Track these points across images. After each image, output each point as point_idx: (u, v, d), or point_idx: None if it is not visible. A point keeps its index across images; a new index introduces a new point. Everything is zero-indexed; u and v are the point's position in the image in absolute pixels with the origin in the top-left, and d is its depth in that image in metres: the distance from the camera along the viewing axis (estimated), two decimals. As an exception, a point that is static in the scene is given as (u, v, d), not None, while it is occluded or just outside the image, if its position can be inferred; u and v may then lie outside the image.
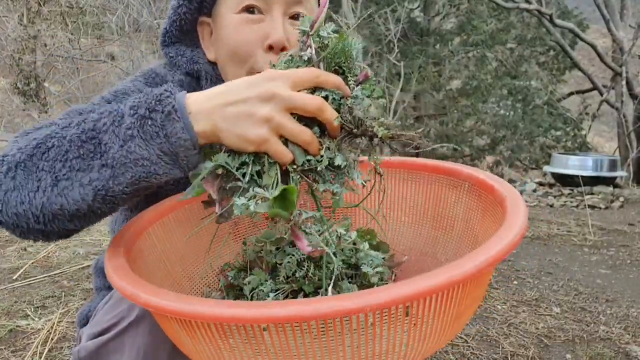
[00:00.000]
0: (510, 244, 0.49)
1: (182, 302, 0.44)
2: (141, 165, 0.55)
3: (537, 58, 11.93)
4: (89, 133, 0.56)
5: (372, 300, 0.41)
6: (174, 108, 0.55)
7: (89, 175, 0.55)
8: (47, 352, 1.55)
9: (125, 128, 0.55)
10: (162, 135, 0.54)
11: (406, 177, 0.87)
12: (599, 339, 1.79)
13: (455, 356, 1.63)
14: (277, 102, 0.54)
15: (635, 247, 3.09)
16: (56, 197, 0.55)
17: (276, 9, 0.75)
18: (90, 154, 0.55)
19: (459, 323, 0.55)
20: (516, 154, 11.13)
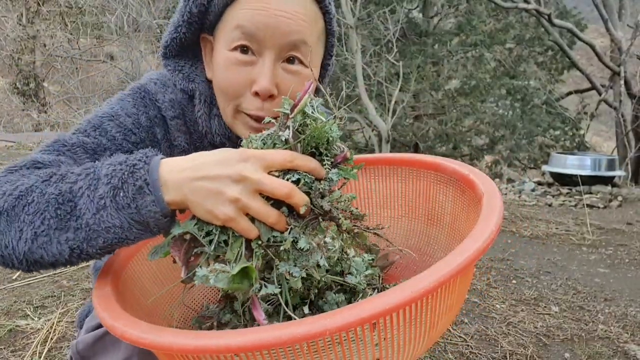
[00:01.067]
0: (475, 254, 0.49)
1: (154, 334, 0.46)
2: (113, 233, 0.57)
3: (536, 58, 11.96)
4: (65, 195, 0.58)
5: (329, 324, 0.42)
6: (146, 182, 0.56)
7: (65, 235, 0.58)
8: (46, 352, 1.56)
9: (98, 197, 0.57)
10: (133, 207, 0.56)
11: (395, 174, 0.86)
12: (597, 338, 1.79)
13: (454, 355, 1.63)
14: (246, 184, 0.56)
15: (634, 246, 3.10)
16: (37, 249, 0.58)
17: (268, 53, 0.72)
18: (66, 216, 0.57)
19: (436, 330, 0.54)
20: (515, 153, 11.15)
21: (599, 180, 5.42)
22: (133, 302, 0.64)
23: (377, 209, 0.89)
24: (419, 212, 0.84)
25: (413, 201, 0.84)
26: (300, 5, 0.72)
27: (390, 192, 0.87)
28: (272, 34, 0.71)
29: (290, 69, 0.74)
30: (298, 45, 0.73)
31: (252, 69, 0.73)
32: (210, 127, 0.81)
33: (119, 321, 0.50)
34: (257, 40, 0.71)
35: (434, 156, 0.82)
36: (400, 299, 0.43)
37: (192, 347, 0.44)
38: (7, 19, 8.66)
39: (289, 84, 0.74)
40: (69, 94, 9.23)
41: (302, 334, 0.42)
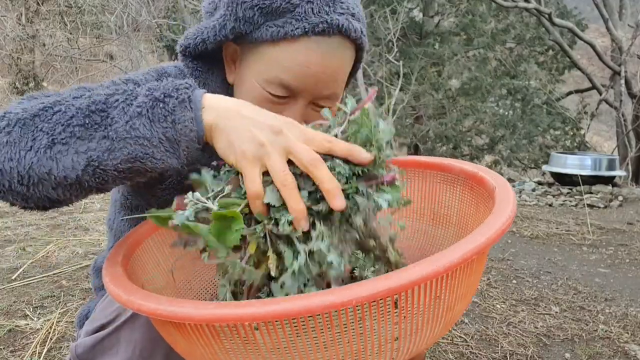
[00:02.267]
0: (498, 231, 0.49)
1: (174, 306, 0.45)
2: (140, 144, 0.54)
3: (536, 58, 11.95)
4: (99, 105, 0.55)
5: (358, 292, 0.41)
6: (189, 98, 0.55)
7: (87, 145, 0.54)
8: (46, 352, 1.55)
9: (135, 106, 0.55)
10: (170, 121, 0.54)
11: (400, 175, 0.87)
12: (597, 338, 1.79)
13: (455, 355, 1.63)
14: (279, 138, 0.54)
15: (634, 246, 3.10)
16: (47, 160, 0.54)
17: (301, 101, 0.73)
18: (94, 125, 0.54)
19: (452, 315, 0.55)
20: (515, 153, 11.15)
21: (600, 180, 5.42)
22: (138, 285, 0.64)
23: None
24: (425, 212, 0.84)
25: (419, 202, 0.85)
26: (342, 59, 0.72)
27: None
28: (311, 90, 0.72)
29: (318, 110, 0.75)
30: (330, 97, 0.74)
31: (282, 107, 0.73)
32: None
33: (135, 295, 0.49)
34: (294, 90, 0.72)
35: (440, 157, 0.84)
36: (425, 272, 0.43)
37: (214, 316, 0.43)
38: (7, 18, 8.66)
39: (313, 119, 0.75)
40: (68, 93, 9.21)
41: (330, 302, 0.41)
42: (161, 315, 0.46)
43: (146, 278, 0.68)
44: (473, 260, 0.48)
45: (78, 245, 2.63)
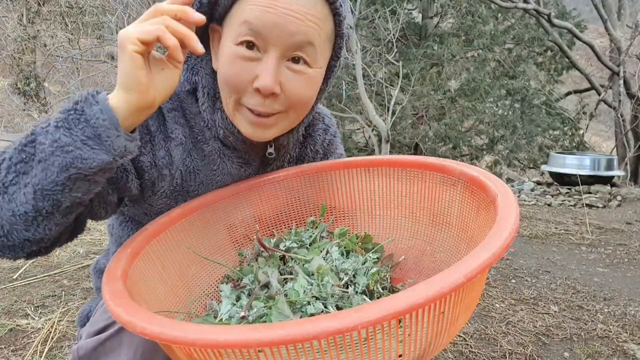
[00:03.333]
0: (501, 249, 0.49)
1: (177, 330, 0.45)
2: (67, 152, 0.58)
3: (535, 58, 11.95)
4: (29, 137, 0.61)
5: (362, 318, 0.41)
6: (92, 95, 0.61)
7: (30, 176, 0.60)
8: (47, 351, 1.56)
9: (53, 124, 0.60)
10: (83, 120, 0.59)
11: (399, 176, 0.86)
12: (596, 337, 1.80)
13: (454, 354, 1.64)
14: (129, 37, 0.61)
15: (633, 245, 3.11)
16: (7, 204, 0.61)
17: (273, 51, 0.71)
18: (30, 156, 0.60)
19: (455, 327, 0.55)
20: (514, 153, 11.15)
21: (598, 180, 5.43)
22: (139, 300, 0.64)
23: (381, 210, 0.89)
24: (425, 213, 0.83)
25: (418, 203, 0.84)
26: (310, 5, 0.71)
27: (394, 194, 0.87)
28: (278, 33, 0.70)
29: (295, 69, 0.73)
30: (304, 46, 0.72)
31: (256, 64, 0.72)
32: (214, 121, 0.81)
33: (137, 316, 0.49)
34: (263, 38, 0.70)
35: (439, 158, 0.82)
36: (430, 294, 0.43)
37: (218, 342, 0.42)
38: (8, 19, 8.66)
39: (292, 83, 0.74)
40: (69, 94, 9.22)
41: (335, 328, 0.41)
42: (165, 340, 0.45)
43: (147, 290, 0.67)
44: (478, 278, 0.48)
45: (79, 245, 2.64)
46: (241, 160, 0.86)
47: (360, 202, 0.90)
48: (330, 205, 0.92)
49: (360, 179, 0.89)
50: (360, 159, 0.90)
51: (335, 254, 0.76)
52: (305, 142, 0.96)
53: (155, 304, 0.68)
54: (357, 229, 0.90)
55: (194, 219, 0.80)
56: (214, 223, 0.83)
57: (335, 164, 0.91)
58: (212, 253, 0.83)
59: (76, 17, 9.08)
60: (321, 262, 0.72)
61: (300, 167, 0.92)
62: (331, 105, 9.90)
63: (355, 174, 0.90)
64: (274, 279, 0.69)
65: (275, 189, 0.90)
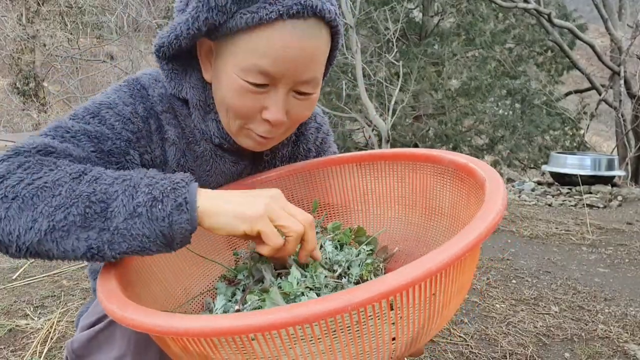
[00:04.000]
0: (489, 226, 0.50)
1: (168, 321, 0.45)
2: (139, 241, 0.58)
3: (536, 58, 11.95)
4: (99, 195, 0.58)
5: (352, 299, 0.42)
6: (185, 200, 0.58)
7: (87, 233, 0.57)
8: (46, 352, 1.56)
9: (135, 204, 0.58)
10: (167, 222, 0.58)
11: (391, 169, 0.87)
12: (597, 338, 1.79)
13: (454, 355, 1.63)
14: (274, 199, 0.64)
15: (633, 246, 3.10)
16: (48, 242, 0.57)
17: (282, 88, 0.73)
18: (94, 215, 0.57)
19: (448, 310, 0.55)
20: (515, 153, 11.15)
21: (599, 180, 5.42)
22: (134, 298, 0.64)
23: (374, 203, 0.90)
24: (418, 204, 0.84)
25: (411, 195, 0.85)
26: (318, 39, 0.72)
27: (387, 187, 0.88)
28: (290, 75, 0.71)
29: (300, 97, 0.76)
30: (310, 82, 0.74)
31: (264, 97, 0.73)
32: (207, 129, 0.82)
33: (130, 311, 0.49)
34: (273, 78, 0.71)
35: (429, 149, 0.83)
36: (419, 273, 0.44)
37: (210, 330, 0.43)
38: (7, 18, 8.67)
39: (297, 109, 0.76)
40: (68, 93, 9.23)
41: (326, 309, 0.41)
42: (159, 332, 0.45)
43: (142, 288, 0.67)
44: (466, 257, 0.49)
45: (78, 245, 2.63)
46: (234, 158, 0.87)
47: (353, 197, 0.91)
48: (324, 202, 0.92)
49: (353, 175, 0.90)
50: (352, 154, 0.91)
51: (329, 248, 0.77)
52: (298, 141, 0.96)
53: (152, 304, 0.68)
54: (352, 224, 0.90)
55: None
56: None
57: (326, 161, 0.91)
58: (207, 254, 0.83)
59: (75, 17, 9.09)
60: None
61: (292, 165, 0.92)
62: (331, 104, 9.90)
63: (348, 169, 0.90)
64: (268, 273, 0.70)
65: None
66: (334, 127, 10.24)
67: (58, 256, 0.59)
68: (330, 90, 10.41)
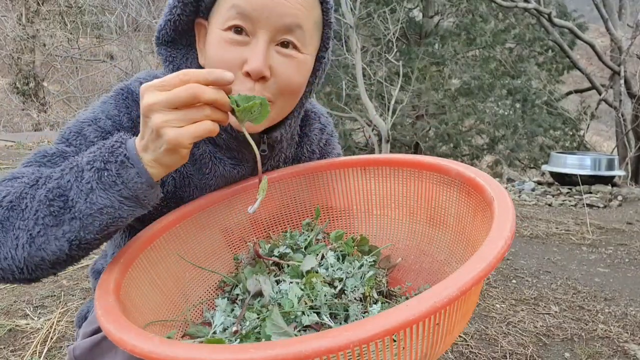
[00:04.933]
0: (496, 259, 0.48)
1: (164, 348, 0.45)
2: (106, 213, 0.60)
3: (536, 58, 11.96)
4: (55, 191, 0.60)
5: (353, 336, 0.41)
6: (126, 157, 0.59)
7: (61, 229, 0.60)
8: (46, 352, 1.56)
9: (85, 182, 0.59)
10: (120, 183, 0.59)
11: (396, 175, 0.85)
12: (597, 338, 1.79)
13: (454, 354, 1.63)
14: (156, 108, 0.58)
15: (634, 245, 3.10)
16: (36, 251, 0.60)
17: (262, 34, 0.70)
18: (60, 210, 0.60)
19: (451, 336, 0.54)
20: (515, 153, 11.16)
21: (599, 179, 5.42)
22: (133, 310, 0.63)
23: (377, 209, 0.88)
24: (421, 213, 0.82)
25: (415, 203, 0.82)
26: None
27: (391, 193, 0.86)
28: (267, 15, 0.69)
29: (284, 52, 0.73)
30: (293, 29, 0.71)
31: (244, 49, 0.71)
32: None
33: (128, 334, 0.49)
34: (252, 21, 0.70)
35: (436, 157, 0.80)
36: (423, 310, 0.43)
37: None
38: (7, 18, 8.67)
39: (282, 67, 0.73)
40: (68, 93, 9.23)
41: (326, 347, 0.41)
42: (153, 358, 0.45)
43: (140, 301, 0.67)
44: (472, 291, 0.47)
45: (78, 245, 2.63)
46: (234, 161, 0.85)
47: (357, 202, 0.89)
48: (327, 206, 0.91)
49: (357, 179, 0.88)
50: (356, 158, 0.89)
51: (331, 259, 0.75)
52: (302, 142, 0.95)
53: (150, 314, 0.67)
54: (355, 230, 0.89)
55: (188, 224, 0.79)
56: (208, 227, 0.82)
57: (330, 164, 0.89)
58: (208, 257, 0.81)
59: (75, 17, 9.08)
60: (313, 264, 0.72)
61: (295, 167, 0.90)
62: (331, 104, 9.89)
63: (352, 173, 0.88)
64: (268, 288, 0.69)
65: (271, 190, 0.89)
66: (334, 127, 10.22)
67: (54, 261, 0.61)
68: (330, 90, 10.41)
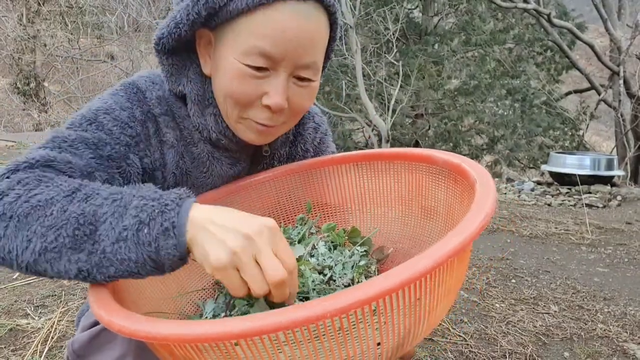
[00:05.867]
0: (472, 233, 0.49)
1: (150, 326, 0.45)
2: (126, 265, 0.56)
3: (535, 58, 11.96)
4: (88, 217, 0.57)
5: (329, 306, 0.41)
6: (173, 224, 0.55)
7: (77, 255, 0.57)
8: (47, 351, 1.56)
9: (122, 227, 0.56)
10: (154, 246, 0.55)
11: (387, 169, 0.86)
12: (596, 337, 1.80)
13: (454, 354, 1.64)
14: (252, 244, 0.54)
15: (633, 245, 3.11)
16: (42, 263, 0.58)
17: (283, 71, 0.72)
18: (84, 237, 0.56)
19: (435, 314, 0.54)
20: (514, 153, 11.16)
21: (598, 179, 5.43)
22: (129, 302, 0.64)
23: (371, 204, 0.89)
24: (414, 205, 0.84)
25: (407, 195, 0.84)
26: (317, 25, 0.72)
27: (384, 187, 0.88)
28: (290, 58, 0.71)
29: (300, 84, 0.76)
30: (310, 66, 0.74)
31: (264, 81, 0.73)
32: (205, 124, 0.81)
33: (116, 316, 0.49)
34: (274, 61, 0.71)
35: (425, 149, 0.83)
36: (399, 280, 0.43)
37: (193, 336, 0.43)
38: (8, 18, 8.67)
39: (298, 97, 0.76)
40: (69, 93, 9.24)
41: (303, 317, 0.41)
42: (144, 336, 0.46)
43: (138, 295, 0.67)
44: (452, 261, 0.48)
45: (79, 245, 2.63)
46: (231, 160, 0.86)
47: (350, 197, 0.91)
48: (321, 202, 0.92)
49: (350, 175, 0.90)
50: (348, 154, 0.91)
51: (321, 249, 0.76)
52: (296, 141, 0.96)
53: (147, 306, 0.68)
54: (349, 225, 0.90)
55: None
56: None
57: (323, 161, 0.91)
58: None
59: (76, 17, 9.09)
60: (301, 252, 0.73)
61: (289, 165, 0.92)
62: (331, 104, 9.90)
63: (344, 169, 0.90)
64: None
65: (265, 189, 0.90)
66: (334, 127, 10.24)
67: (53, 275, 0.59)
68: (330, 90, 10.41)
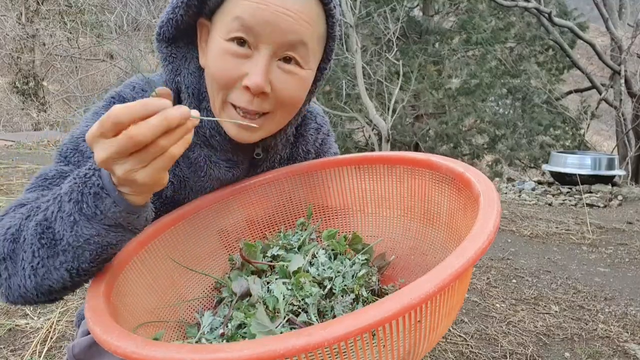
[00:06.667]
0: (475, 255, 0.48)
1: (145, 349, 0.45)
2: (94, 243, 0.59)
3: (536, 57, 11.95)
4: (43, 224, 0.60)
5: (328, 334, 0.41)
6: (100, 187, 0.57)
7: (58, 260, 0.60)
8: (46, 351, 1.55)
9: (67, 215, 0.58)
10: (99, 213, 0.57)
11: (390, 173, 0.85)
12: (597, 337, 1.79)
13: (454, 354, 1.63)
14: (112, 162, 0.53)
15: (634, 245, 3.10)
16: (42, 281, 0.61)
17: (264, 49, 0.70)
18: (51, 242, 0.60)
19: (436, 333, 0.54)
20: (515, 152, 11.15)
21: (599, 179, 5.42)
22: (125, 312, 0.63)
23: (373, 208, 0.88)
24: (416, 211, 0.82)
25: (409, 200, 0.82)
26: (304, 5, 0.70)
27: (386, 192, 0.86)
28: (271, 31, 0.69)
29: (286, 68, 0.72)
30: (296, 46, 0.71)
31: (246, 61, 0.71)
32: (200, 121, 0.80)
33: (111, 335, 0.49)
34: (255, 34, 0.69)
35: (428, 154, 0.80)
36: (398, 307, 0.42)
37: None
38: (7, 18, 8.67)
39: (282, 83, 0.72)
40: (68, 93, 9.24)
41: (301, 345, 0.41)
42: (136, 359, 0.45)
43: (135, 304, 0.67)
44: (453, 285, 0.46)
45: (78, 245, 2.63)
46: (229, 164, 0.85)
47: (352, 200, 0.89)
48: (323, 205, 0.91)
49: (351, 177, 0.88)
50: (350, 156, 0.89)
51: (322, 258, 0.75)
52: (297, 142, 0.94)
53: (144, 315, 0.67)
54: (350, 228, 0.89)
55: (183, 226, 0.79)
56: (204, 229, 0.82)
57: (325, 163, 0.89)
58: (204, 259, 0.81)
59: (75, 16, 9.08)
60: (301, 263, 0.71)
61: (290, 167, 0.90)
62: (331, 104, 9.89)
63: (346, 172, 0.88)
64: (256, 287, 0.68)
65: (266, 191, 0.89)
66: (334, 127, 10.23)
67: (62, 287, 0.62)
68: (330, 89, 10.41)
